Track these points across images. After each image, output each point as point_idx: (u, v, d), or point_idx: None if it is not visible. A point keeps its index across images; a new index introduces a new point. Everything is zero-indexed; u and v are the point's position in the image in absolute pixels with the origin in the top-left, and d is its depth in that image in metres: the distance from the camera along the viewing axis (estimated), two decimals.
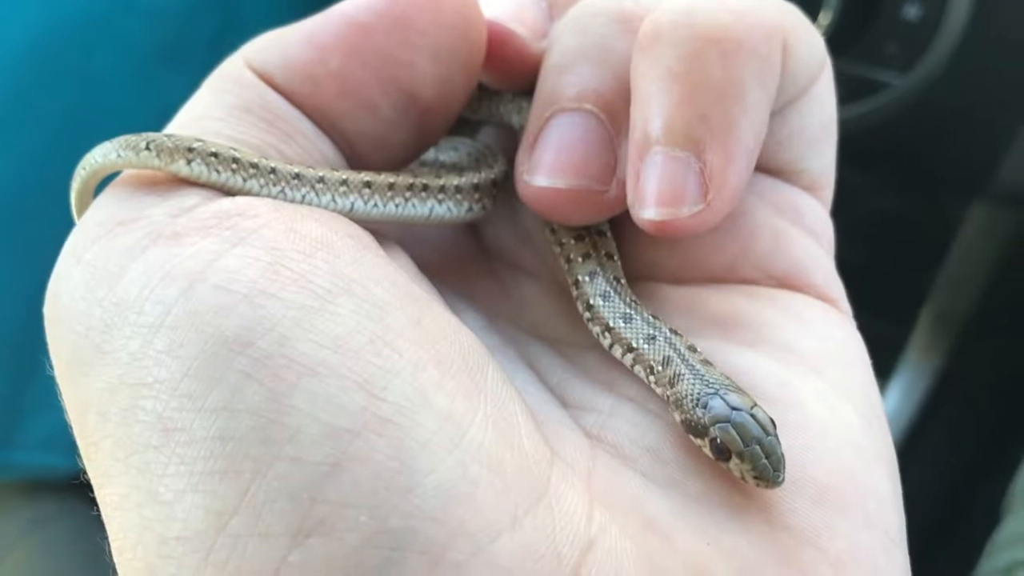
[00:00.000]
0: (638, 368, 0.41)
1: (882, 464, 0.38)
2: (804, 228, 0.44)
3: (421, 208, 0.44)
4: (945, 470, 1.14)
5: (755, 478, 0.36)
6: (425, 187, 0.44)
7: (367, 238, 0.38)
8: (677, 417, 0.38)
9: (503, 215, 0.48)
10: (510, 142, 0.48)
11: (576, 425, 0.40)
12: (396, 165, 0.45)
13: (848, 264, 1.26)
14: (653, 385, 0.40)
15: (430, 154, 0.50)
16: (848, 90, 1.00)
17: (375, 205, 0.42)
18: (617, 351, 0.42)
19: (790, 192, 0.44)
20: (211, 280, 0.33)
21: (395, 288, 0.36)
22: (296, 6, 0.52)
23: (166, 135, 0.39)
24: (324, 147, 0.42)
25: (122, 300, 0.34)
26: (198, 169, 0.39)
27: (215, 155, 0.39)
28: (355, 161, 0.43)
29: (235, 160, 0.39)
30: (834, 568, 0.35)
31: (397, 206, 0.43)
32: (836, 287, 0.44)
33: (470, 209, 0.45)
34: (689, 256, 0.43)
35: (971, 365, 1.17)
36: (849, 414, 0.38)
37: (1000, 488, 0.93)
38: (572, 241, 0.44)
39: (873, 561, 0.35)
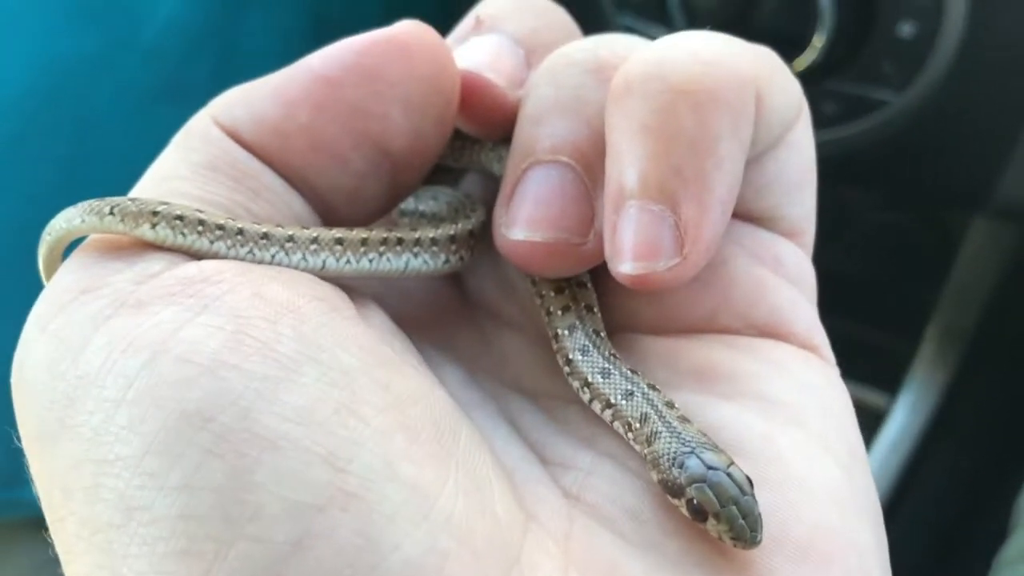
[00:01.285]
0: (617, 424, 0.41)
1: (865, 517, 0.38)
2: (785, 276, 0.44)
3: (396, 262, 0.44)
4: (954, 485, 1.15)
5: (732, 539, 0.36)
6: (400, 241, 0.44)
7: (337, 299, 0.38)
8: (654, 477, 0.38)
9: (486, 265, 0.48)
10: (492, 190, 0.48)
11: (555, 484, 0.40)
12: (370, 218, 0.45)
13: (853, 280, 1.28)
14: (632, 442, 0.40)
15: (409, 203, 0.50)
16: (845, 109, 1.02)
17: (348, 262, 0.42)
18: (596, 406, 0.42)
19: (770, 239, 0.44)
20: (173, 351, 0.33)
21: (363, 352, 0.35)
22: (294, 43, 0.53)
23: (130, 199, 0.39)
24: (294, 203, 0.42)
25: (85, 373, 0.34)
26: (163, 233, 0.38)
27: (180, 218, 0.38)
28: (328, 216, 0.43)
29: (201, 222, 0.39)
30: None
31: (371, 261, 0.43)
32: (819, 334, 0.44)
33: (447, 261, 0.45)
34: (669, 307, 0.43)
35: (978, 378, 1.18)
36: (830, 467, 0.38)
37: (1009, 503, 0.94)
38: (552, 293, 0.45)
39: None
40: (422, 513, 0.32)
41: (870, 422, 1.15)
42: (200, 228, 0.39)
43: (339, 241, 0.42)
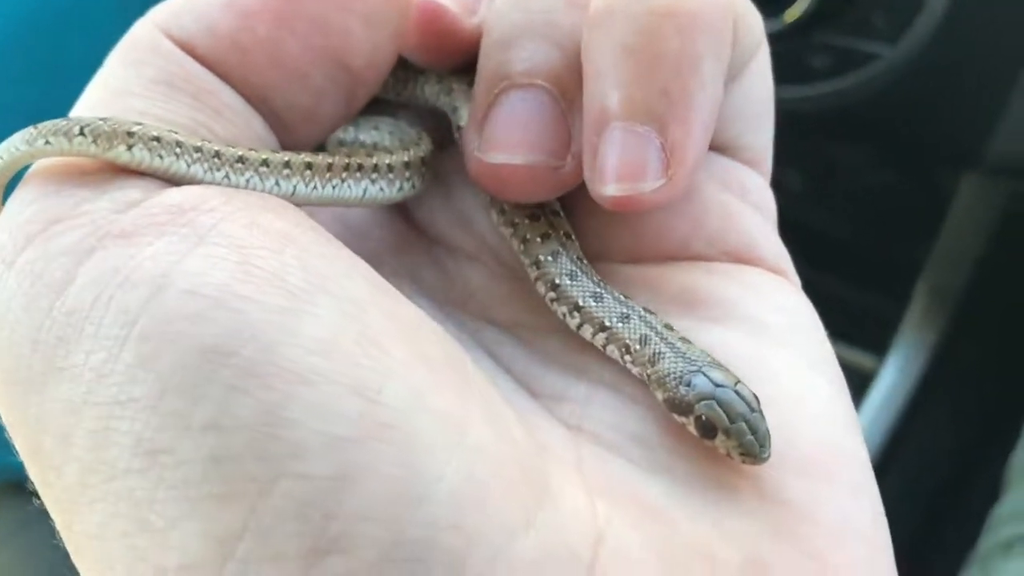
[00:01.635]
0: (611, 348, 0.41)
1: (857, 431, 0.39)
2: (751, 203, 0.44)
3: (356, 189, 0.43)
4: (944, 445, 1.15)
5: (741, 455, 0.36)
6: (360, 167, 0.43)
7: (322, 229, 0.37)
8: (659, 396, 0.39)
9: (435, 197, 0.47)
10: (432, 124, 0.48)
11: (552, 416, 0.40)
12: (320, 140, 0.44)
13: (841, 239, 1.27)
14: (629, 365, 0.40)
15: (349, 132, 0.49)
16: (836, 62, 1.01)
17: (315, 188, 0.41)
18: (587, 331, 0.42)
19: (735, 168, 0.44)
20: (178, 284, 0.31)
21: (365, 282, 0.34)
22: None
23: (100, 118, 0.36)
24: (254, 123, 0.40)
25: (74, 309, 0.32)
26: (140, 155, 0.36)
27: (157, 139, 0.36)
28: (284, 137, 0.42)
29: (178, 144, 0.37)
30: (829, 539, 0.35)
31: (334, 188, 0.42)
32: (785, 260, 0.44)
33: (401, 188, 0.45)
34: (642, 234, 0.43)
35: (968, 338, 1.18)
36: (821, 384, 0.39)
37: (1000, 463, 0.94)
38: (527, 221, 0.44)
39: (864, 529, 0.36)
40: (456, 442, 0.31)
41: (859, 383, 1.14)
42: (178, 150, 0.37)
43: (308, 166, 0.41)
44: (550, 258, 0.43)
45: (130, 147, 0.36)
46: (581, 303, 0.42)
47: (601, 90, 0.40)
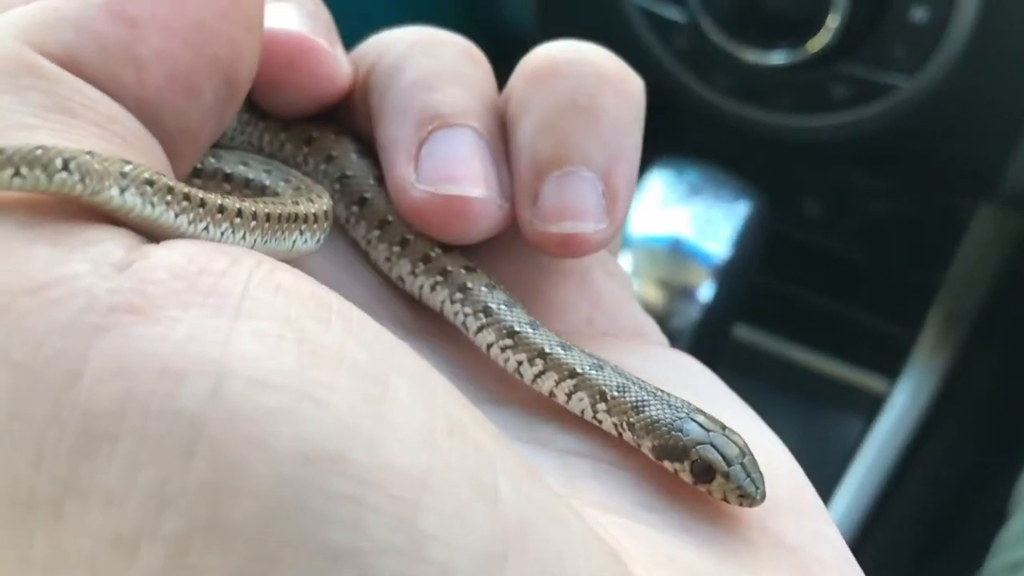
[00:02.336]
0: (579, 396, 0.40)
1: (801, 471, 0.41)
2: (627, 290, 0.47)
3: (288, 240, 0.39)
4: (954, 468, 1.17)
5: (740, 496, 0.37)
6: (295, 216, 0.40)
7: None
8: (647, 444, 0.38)
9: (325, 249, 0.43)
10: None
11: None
12: (191, 167, 0.39)
13: (857, 265, 1.29)
14: (602, 414, 0.39)
15: (208, 163, 0.43)
16: (856, 93, 1.04)
17: (266, 241, 0.38)
18: (550, 379, 0.40)
19: (608, 256, 0.48)
20: (240, 373, 0.26)
21: (407, 350, 0.30)
22: None
23: (85, 152, 0.30)
24: (157, 150, 0.35)
25: (94, 412, 0.25)
26: (132, 201, 0.30)
27: (150, 183, 0.31)
28: (173, 163, 0.36)
29: (169, 190, 0.32)
30: (835, 571, 0.37)
31: (277, 240, 0.39)
32: (663, 338, 0.47)
33: (318, 240, 0.41)
34: (549, 308, 0.45)
35: (979, 364, 1.20)
36: (764, 431, 0.41)
37: (1008, 486, 0.97)
38: (463, 270, 0.43)
39: (848, 554, 0.38)
40: (572, 540, 0.29)
41: (870, 406, 1.17)
42: (168, 197, 0.32)
43: (268, 217, 0.38)
44: (504, 307, 0.42)
45: (123, 191, 0.30)
46: (548, 350, 0.41)
47: (543, 139, 0.42)
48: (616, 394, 0.39)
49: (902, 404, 1.17)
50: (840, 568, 0.37)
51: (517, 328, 0.41)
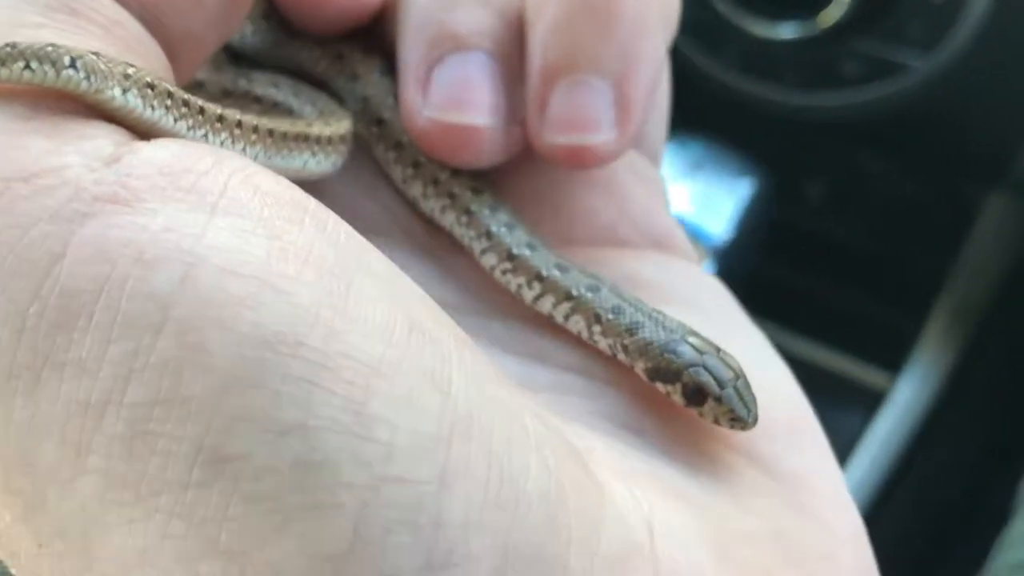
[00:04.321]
0: (576, 319, 0.41)
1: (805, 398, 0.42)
2: (660, 195, 0.47)
3: (298, 160, 0.42)
4: (957, 466, 1.18)
5: (731, 420, 0.38)
6: (306, 137, 0.42)
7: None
8: (640, 366, 0.39)
9: (350, 171, 0.46)
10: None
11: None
12: (191, 76, 0.41)
13: (860, 252, 1.29)
14: (598, 336, 0.41)
15: (238, 84, 0.47)
16: (867, 70, 1.04)
17: (270, 156, 0.40)
18: (548, 301, 0.42)
19: (643, 161, 0.47)
20: (211, 261, 0.28)
21: (381, 256, 0.32)
22: None
23: (91, 52, 0.32)
24: (159, 54, 0.37)
25: (73, 290, 0.28)
26: (133, 102, 0.33)
27: (151, 86, 0.33)
28: (176, 68, 0.39)
29: (170, 94, 0.34)
30: (831, 508, 0.38)
31: (283, 157, 0.41)
32: (693, 251, 0.47)
33: (334, 163, 0.43)
34: (571, 217, 0.45)
35: (986, 361, 1.20)
36: (769, 355, 0.42)
37: (1011, 486, 0.97)
38: (469, 193, 0.44)
39: (844, 489, 0.39)
40: (523, 436, 0.30)
41: (871, 402, 1.17)
42: (168, 101, 0.34)
43: (270, 132, 0.40)
44: (504, 229, 0.43)
45: (124, 91, 0.33)
46: (544, 273, 0.42)
47: (554, 44, 0.42)
48: (611, 317, 0.40)
49: (904, 400, 1.17)
50: (833, 499, 0.38)
51: (515, 251, 0.42)
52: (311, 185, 0.43)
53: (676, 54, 0.49)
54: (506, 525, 0.28)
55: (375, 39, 0.47)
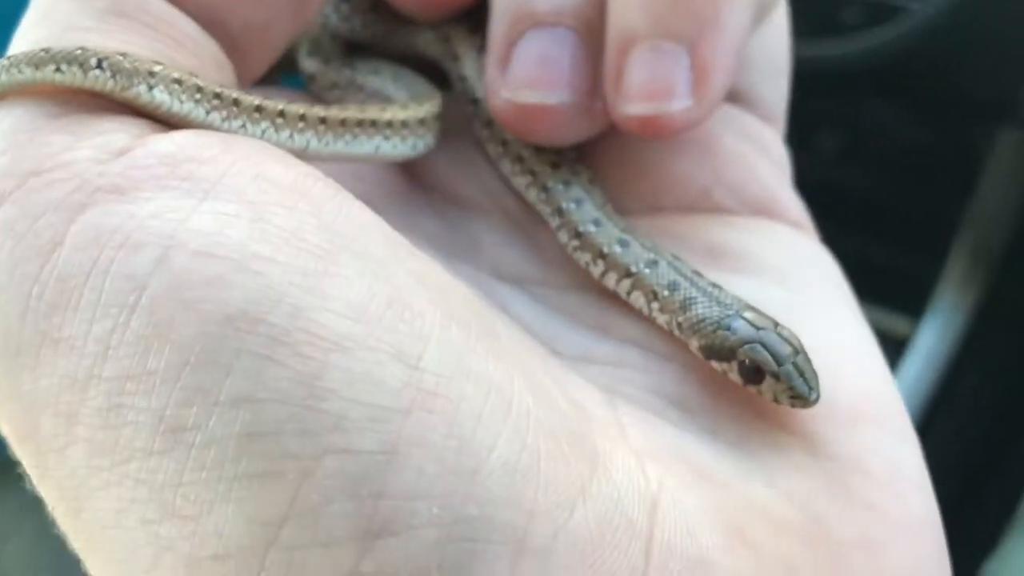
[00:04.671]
0: (636, 295, 0.41)
1: (892, 379, 0.40)
2: (769, 157, 0.46)
3: (368, 145, 0.43)
4: (984, 410, 1.18)
5: (791, 398, 0.36)
6: (373, 122, 0.43)
7: (330, 180, 0.35)
8: (695, 343, 0.39)
9: (440, 146, 0.47)
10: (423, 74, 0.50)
11: (582, 378, 0.39)
12: (269, 64, 0.43)
13: (875, 199, 1.28)
14: (656, 312, 0.41)
15: (343, 74, 0.49)
16: (866, 16, 1.04)
17: (327, 143, 0.41)
18: (611, 278, 0.42)
19: (752, 120, 0.46)
20: (188, 245, 0.30)
21: (385, 238, 0.34)
22: None
23: (118, 53, 0.35)
24: (214, 51, 0.39)
25: (68, 274, 0.30)
26: (160, 98, 0.35)
27: (178, 82, 0.36)
28: (238, 63, 0.41)
29: (199, 89, 0.36)
30: (883, 491, 0.36)
31: (347, 143, 0.42)
32: (804, 214, 0.46)
33: (415, 146, 0.45)
34: (663, 183, 0.45)
35: (1008, 299, 1.20)
36: (854, 333, 0.40)
37: None
38: (548, 169, 0.45)
39: (915, 478, 0.37)
40: (503, 410, 0.31)
41: (894, 348, 1.17)
42: (198, 95, 0.36)
43: (322, 120, 0.41)
44: (573, 205, 0.43)
45: (151, 87, 0.35)
46: (606, 250, 0.42)
47: (629, 12, 0.41)
48: (666, 293, 0.40)
49: (927, 346, 1.17)
50: (891, 484, 0.36)
51: (581, 228, 0.43)
52: (399, 166, 0.47)
53: None
54: (460, 495, 0.29)
55: (482, 20, 0.47)
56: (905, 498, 0.37)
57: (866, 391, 0.39)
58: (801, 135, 1.19)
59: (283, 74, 0.51)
